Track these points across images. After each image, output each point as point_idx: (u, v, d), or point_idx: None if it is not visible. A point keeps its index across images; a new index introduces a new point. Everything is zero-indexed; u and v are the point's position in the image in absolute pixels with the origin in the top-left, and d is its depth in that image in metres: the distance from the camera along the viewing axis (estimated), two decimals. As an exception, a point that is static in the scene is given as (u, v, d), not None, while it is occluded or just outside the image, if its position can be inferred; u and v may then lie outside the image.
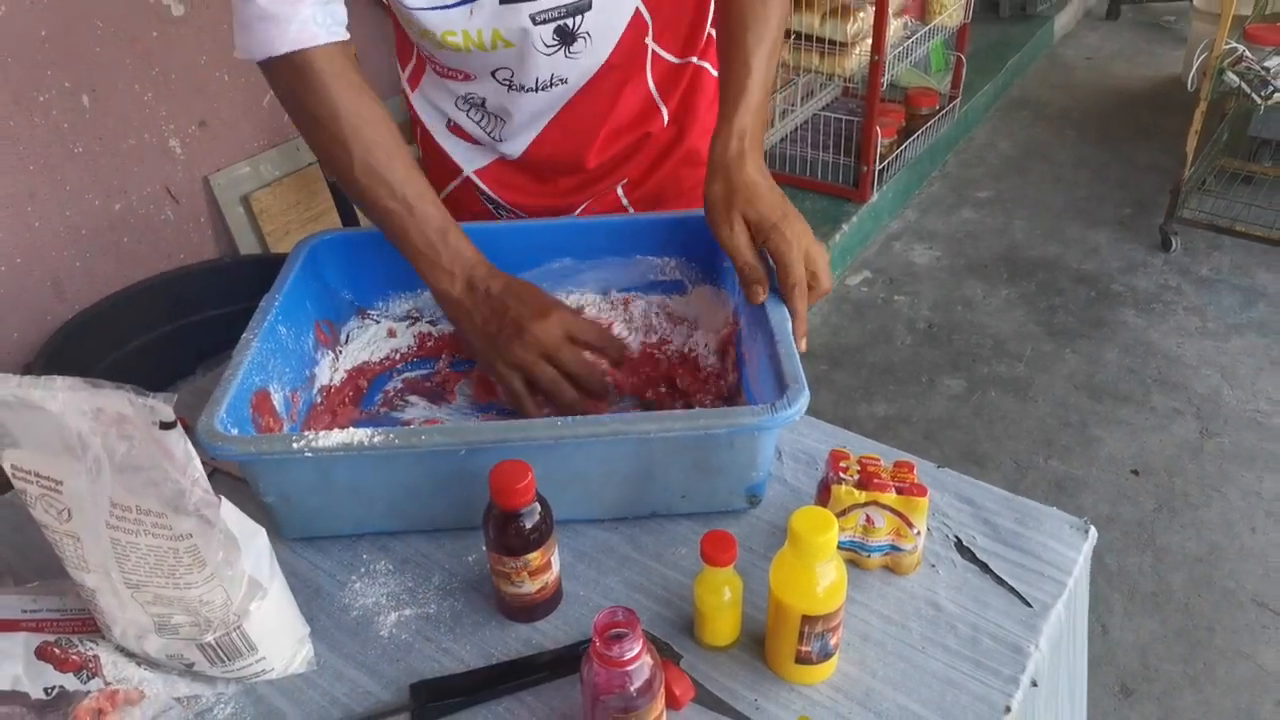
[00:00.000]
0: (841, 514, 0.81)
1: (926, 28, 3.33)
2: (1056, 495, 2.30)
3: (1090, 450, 2.44)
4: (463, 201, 1.28)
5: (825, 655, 0.75)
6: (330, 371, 1.10)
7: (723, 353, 1.08)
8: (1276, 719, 1.79)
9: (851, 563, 0.85)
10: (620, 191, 1.25)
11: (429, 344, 1.15)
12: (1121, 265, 3.17)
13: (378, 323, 1.17)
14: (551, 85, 1.11)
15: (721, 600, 0.77)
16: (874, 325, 2.95)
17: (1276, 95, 2.84)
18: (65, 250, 1.91)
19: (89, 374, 0.66)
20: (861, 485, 0.81)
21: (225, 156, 2.16)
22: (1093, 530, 0.89)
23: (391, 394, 1.10)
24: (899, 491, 0.81)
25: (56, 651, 0.75)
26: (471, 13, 1.03)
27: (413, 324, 1.17)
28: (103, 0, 1.85)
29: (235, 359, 0.92)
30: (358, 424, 1.04)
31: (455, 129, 1.21)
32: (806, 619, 0.73)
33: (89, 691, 0.74)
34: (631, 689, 0.65)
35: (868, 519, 0.82)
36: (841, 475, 0.82)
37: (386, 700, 0.77)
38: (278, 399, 0.97)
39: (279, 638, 0.78)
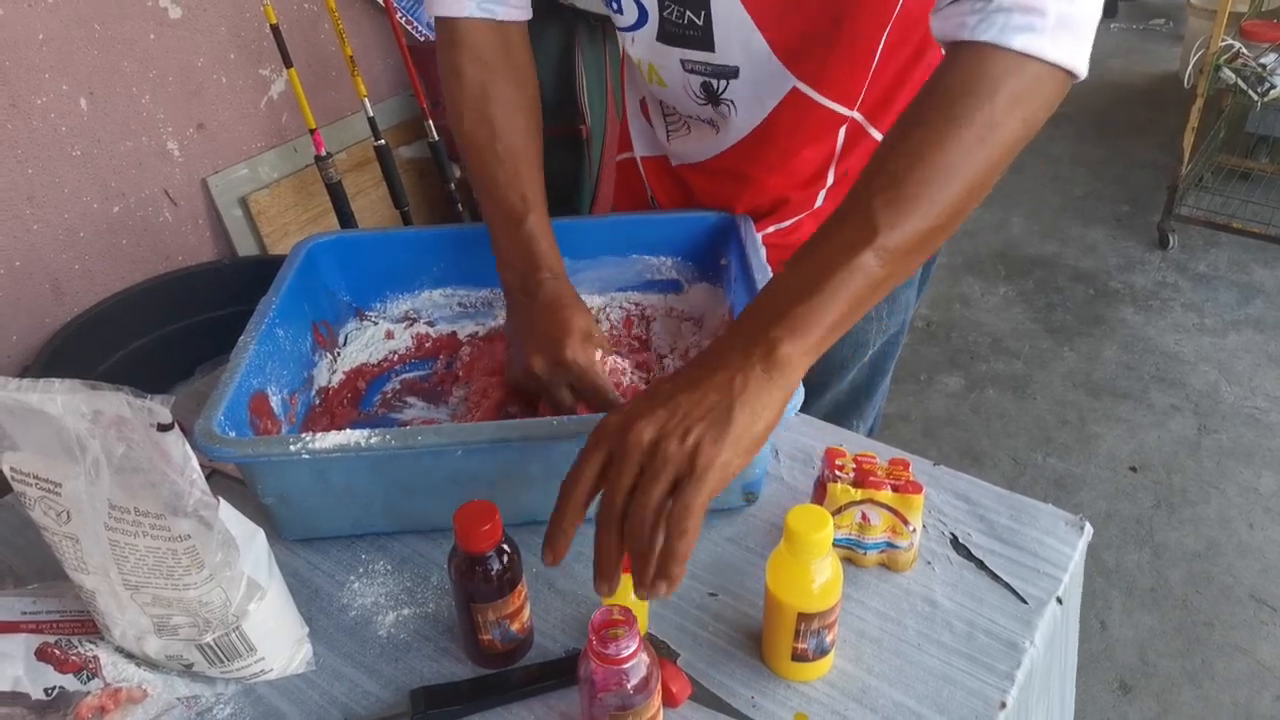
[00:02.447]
0: (837, 512, 0.82)
1: (923, 26, 3.33)
2: (1055, 492, 2.31)
3: (1089, 447, 2.45)
4: (627, 175, 1.29)
5: (821, 652, 0.76)
6: (328, 373, 1.10)
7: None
8: (1275, 714, 1.80)
9: (848, 560, 0.85)
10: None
11: (427, 345, 1.16)
12: (1119, 262, 3.18)
13: (375, 324, 1.17)
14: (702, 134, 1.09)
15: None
16: (872, 324, 2.96)
17: (1273, 92, 2.85)
18: (64, 253, 1.91)
19: (87, 376, 0.67)
20: (857, 483, 0.81)
21: (223, 159, 2.16)
22: (1088, 526, 0.89)
23: (389, 395, 1.10)
24: (894, 489, 0.81)
25: (56, 652, 0.76)
26: (634, 40, 1.03)
27: (410, 325, 1.17)
28: (100, 3, 1.85)
29: (233, 361, 0.92)
30: (356, 425, 1.04)
31: (645, 109, 1.20)
32: (803, 616, 0.73)
33: (89, 692, 0.74)
34: (628, 686, 0.65)
35: (863, 516, 0.82)
36: (837, 473, 0.82)
37: (385, 699, 0.77)
38: (275, 401, 0.97)
39: (278, 638, 0.79)
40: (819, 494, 0.84)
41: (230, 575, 0.73)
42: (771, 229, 1.12)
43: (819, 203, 1.10)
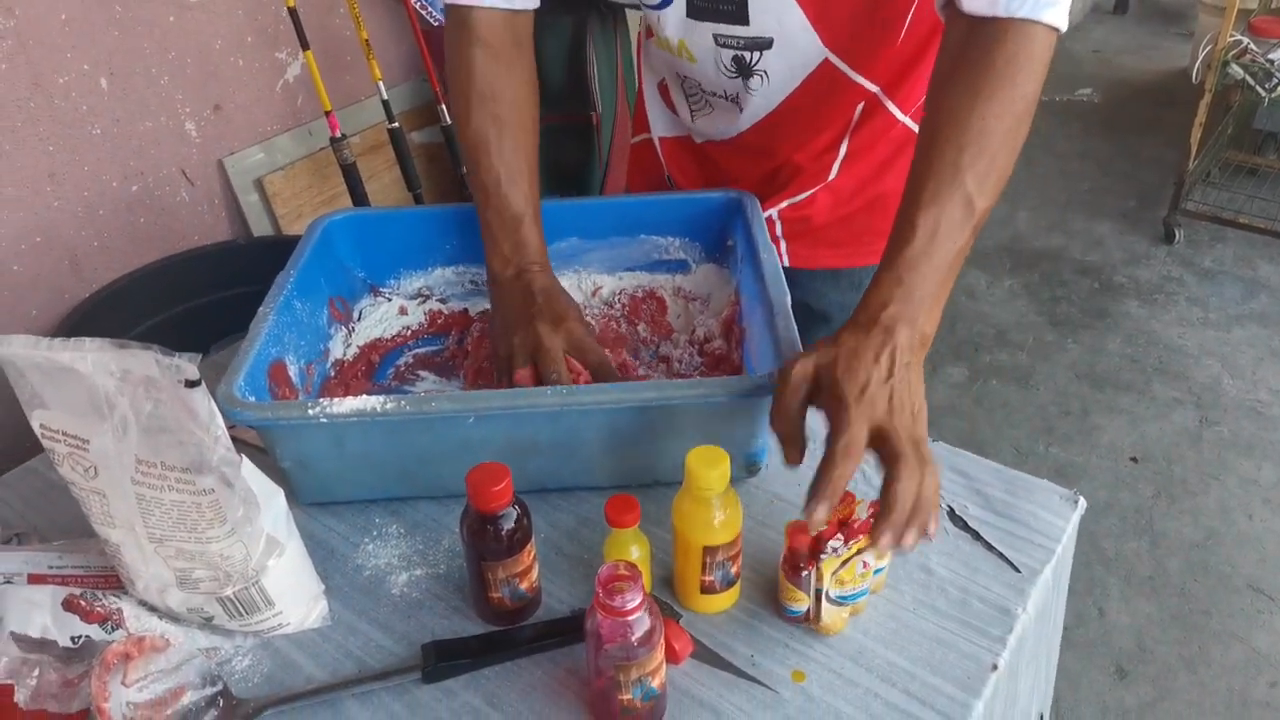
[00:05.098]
0: (839, 569, 0.78)
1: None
2: (1056, 481, 2.30)
3: (1090, 438, 2.47)
4: (642, 157, 1.31)
5: (728, 583, 0.80)
6: (343, 346, 1.13)
7: (727, 333, 1.11)
8: (1270, 700, 1.82)
9: (873, 592, 0.83)
10: (775, 214, 1.18)
11: (439, 321, 1.18)
12: (1125, 257, 3.19)
13: (389, 300, 1.20)
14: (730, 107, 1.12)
15: (630, 560, 0.80)
16: (878, 314, 2.97)
17: (1281, 88, 2.86)
18: (83, 230, 1.94)
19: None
20: (846, 540, 0.78)
21: (239, 140, 2.19)
22: (1081, 500, 0.92)
23: (403, 369, 1.13)
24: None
25: (82, 603, 0.79)
26: (660, 19, 1.05)
27: (423, 302, 1.20)
28: (120, -15, 1.88)
29: (252, 331, 0.95)
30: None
31: (664, 90, 1.22)
32: (708, 550, 0.77)
33: (114, 641, 0.77)
34: (633, 639, 0.68)
35: (864, 564, 0.79)
36: (823, 550, 0.78)
37: (398, 653, 0.80)
38: (293, 370, 1.00)
39: (295, 594, 0.82)
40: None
41: (251, 531, 0.76)
42: (786, 203, 1.16)
43: (832, 175, 1.14)
